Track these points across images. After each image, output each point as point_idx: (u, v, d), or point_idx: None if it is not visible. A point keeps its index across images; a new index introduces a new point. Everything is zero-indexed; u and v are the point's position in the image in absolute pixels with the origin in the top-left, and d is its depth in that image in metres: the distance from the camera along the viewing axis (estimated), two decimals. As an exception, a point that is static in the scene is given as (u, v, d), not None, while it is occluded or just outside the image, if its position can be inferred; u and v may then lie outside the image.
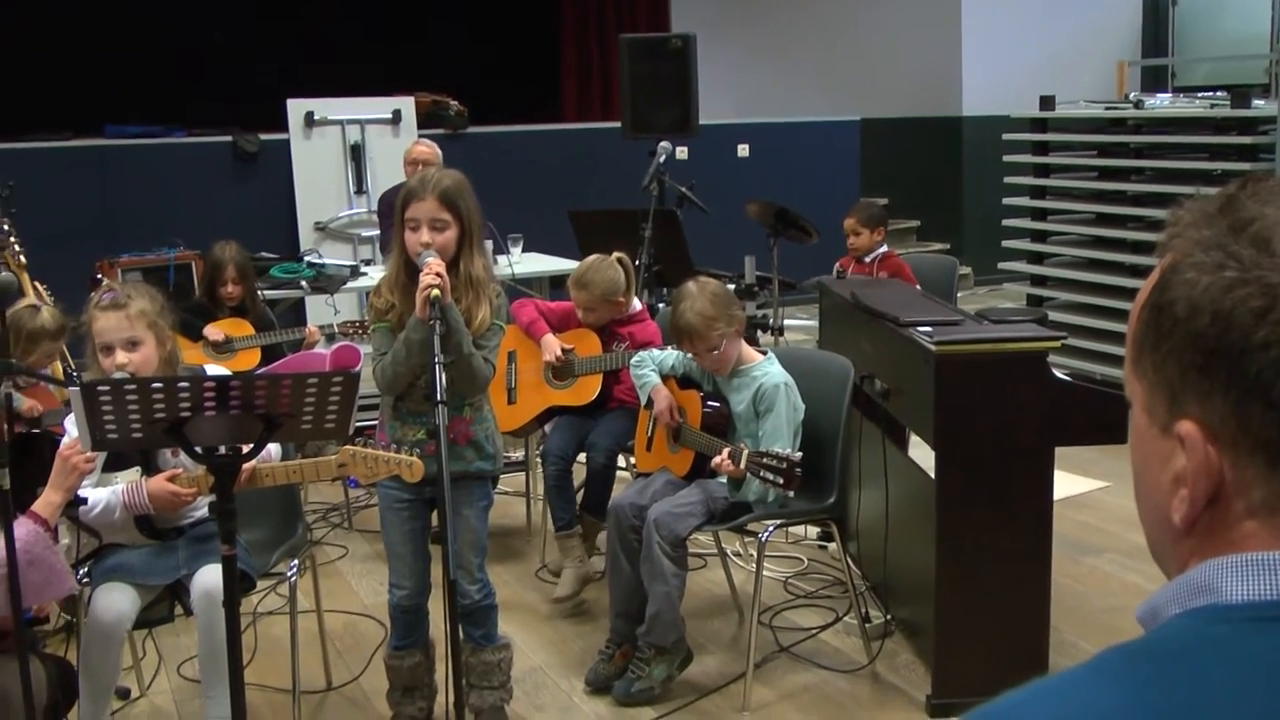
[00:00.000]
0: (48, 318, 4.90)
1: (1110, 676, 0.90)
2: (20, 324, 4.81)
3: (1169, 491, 0.98)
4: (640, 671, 4.11)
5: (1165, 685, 0.87)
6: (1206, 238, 0.96)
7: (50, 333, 4.90)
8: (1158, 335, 0.98)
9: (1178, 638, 0.91)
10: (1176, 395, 0.96)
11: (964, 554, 3.89)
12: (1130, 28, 12.46)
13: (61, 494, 3.25)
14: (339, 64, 11.30)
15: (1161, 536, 1.03)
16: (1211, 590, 0.93)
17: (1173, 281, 0.97)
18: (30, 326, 4.84)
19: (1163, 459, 0.99)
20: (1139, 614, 0.99)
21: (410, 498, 3.73)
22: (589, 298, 4.98)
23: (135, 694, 4.30)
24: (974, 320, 4.24)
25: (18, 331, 4.78)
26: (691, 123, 8.27)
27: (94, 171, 9.73)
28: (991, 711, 0.92)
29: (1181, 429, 0.95)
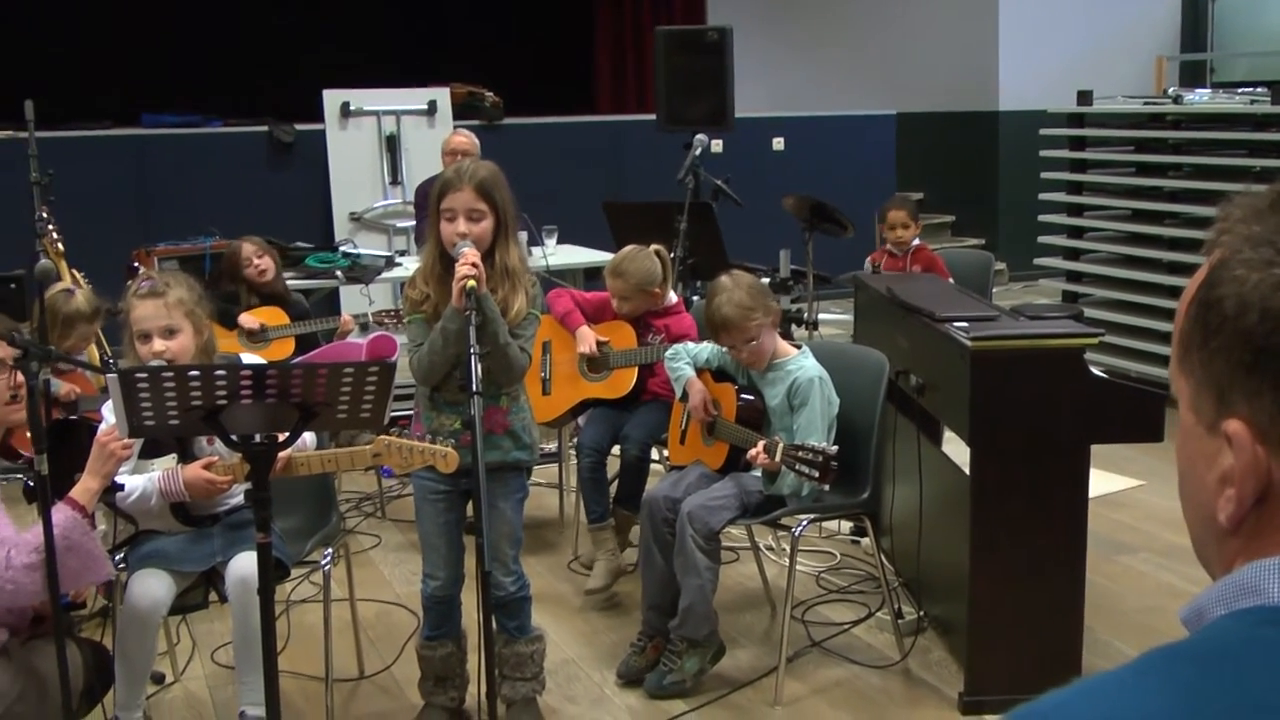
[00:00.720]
0: (82, 301, 4.94)
1: (1155, 678, 0.89)
2: (56, 308, 4.85)
3: (1215, 491, 0.97)
4: (672, 664, 4.11)
5: (1211, 687, 0.86)
6: (1256, 234, 0.95)
7: (86, 315, 4.94)
8: (1205, 332, 0.97)
9: (1223, 639, 0.90)
10: (1224, 393, 0.95)
11: (998, 551, 3.87)
12: (1169, 22, 12.37)
13: (99, 480, 3.27)
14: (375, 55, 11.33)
15: (1206, 536, 1.02)
16: (1258, 591, 0.92)
17: (1221, 278, 0.96)
18: (66, 310, 4.88)
19: (1209, 458, 0.98)
20: (1183, 615, 0.99)
21: (446, 489, 3.74)
22: (624, 287, 4.97)
23: (170, 679, 4.32)
24: (1010, 316, 4.22)
25: (54, 315, 4.83)
26: (727, 116, 8.26)
27: (131, 161, 9.79)
28: (1034, 711, 0.91)
29: (1229, 428, 0.94)
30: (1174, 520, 5.40)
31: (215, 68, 11.22)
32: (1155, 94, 9.83)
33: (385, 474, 6.21)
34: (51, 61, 10.43)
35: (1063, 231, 8.53)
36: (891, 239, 6.49)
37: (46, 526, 2.97)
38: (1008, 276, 11.48)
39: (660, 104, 8.51)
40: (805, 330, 6.63)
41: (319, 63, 10.84)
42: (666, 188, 6.99)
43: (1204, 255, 1.01)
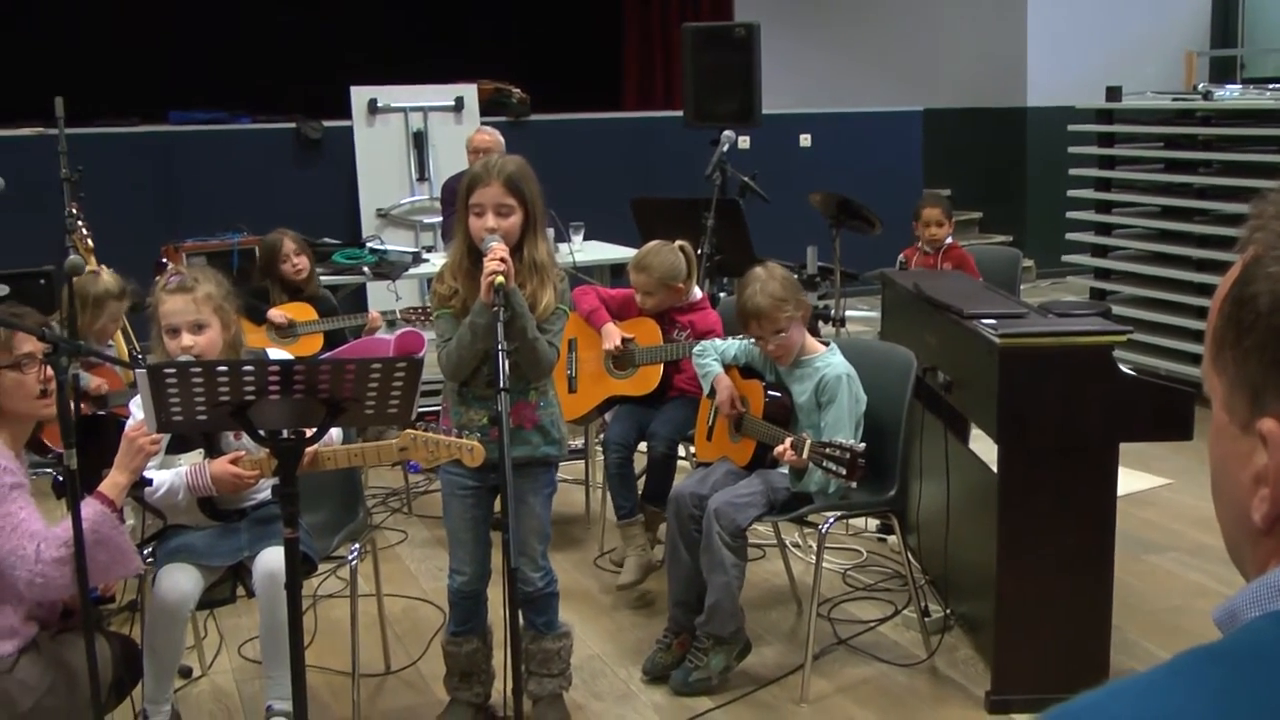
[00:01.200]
0: (109, 280, 4.99)
1: (1188, 679, 0.88)
2: (85, 289, 4.89)
3: (1249, 490, 0.96)
4: (698, 661, 4.10)
5: (1245, 689, 0.85)
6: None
7: (114, 294, 4.99)
8: (1239, 330, 0.96)
9: (1258, 641, 0.90)
10: (1259, 392, 0.95)
11: (1025, 549, 3.86)
12: (1199, 17, 12.30)
13: (127, 475, 3.28)
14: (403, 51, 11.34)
15: (1240, 536, 1.01)
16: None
17: (1255, 275, 0.95)
18: (95, 291, 4.93)
19: (1243, 457, 0.97)
20: (1216, 616, 0.98)
21: (474, 484, 3.74)
22: (648, 281, 4.97)
23: (197, 673, 4.34)
24: (1038, 313, 4.20)
25: (84, 298, 4.87)
26: (754, 112, 8.25)
27: (160, 157, 9.83)
28: (1067, 711, 0.90)
29: (1264, 427, 0.94)
30: (1203, 519, 5.38)
31: (243, 65, 11.25)
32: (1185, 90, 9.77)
33: (412, 469, 6.23)
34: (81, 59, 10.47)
35: (1091, 228, 8.49)
36: (925, 236, 6.47)
37: (76, 520, 2.98)
38: (1035, 273, 11.42)
39: (688, 100, 8.51)
40: (832, 327, 6.62)
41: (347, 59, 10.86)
42: (693, 184, 6.99)
43: (1237, 252, 1.00)
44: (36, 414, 3.30)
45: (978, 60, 12.26)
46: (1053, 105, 11.12)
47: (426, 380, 3.22)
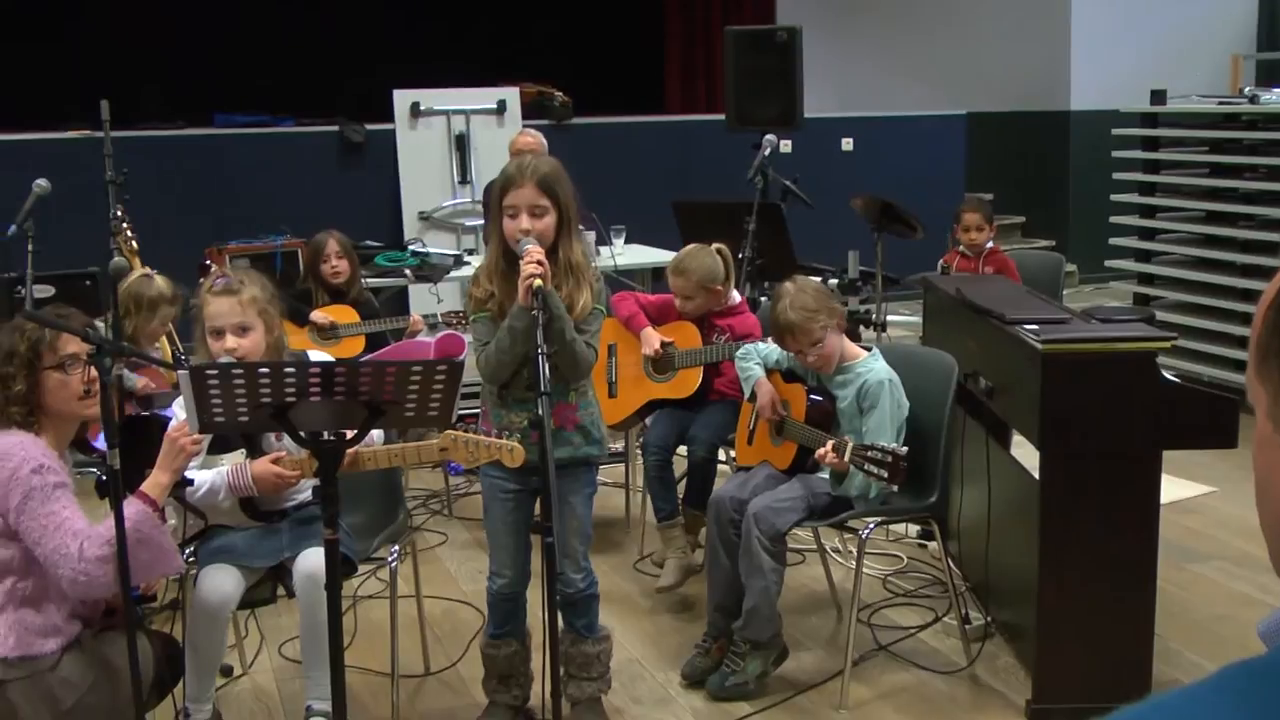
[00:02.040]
0: (162, 285, 5.05)
1: (1233, 695, 0.87)
2: (140, 294, 4.94)
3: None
4: (735, 666, 4.10)
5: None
6: None
7: (168, 298, 5.04)
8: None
9: None
10: (1305, 402, 0.93)
11: (1068, 557, 3.83)
12: (1245, 20, 12.18)
13: (169, 475, 3.30)
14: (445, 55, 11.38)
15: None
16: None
17: (1302, 282, 0.94)
18: (149, 294, 4.98)
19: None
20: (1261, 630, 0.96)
21: (516, 487, 3.74)
22: (686, 284, 4.97)
23: (237, 672, 4.37)
24: (1081, 319, 4.17)
25: (138, 300, 4.92)
26: (796, 116, 8.23)
27: (204, 160, 9.90)
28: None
29: (1309, 436, 0.92)
30: (1247, 528, 5.33)
31: (287, 68, 11.32)
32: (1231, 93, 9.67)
33: (453, 471, 6.24)
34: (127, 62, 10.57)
35: (1135, 233, 8.43)
36: (966, 241, 6.45)
37: (118, 519, 3.00)
38: (1078, 278, 11.36)
39: (729, 104, 8.50)
40: (873, 332, 6.59)
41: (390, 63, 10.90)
42: (735, 188, 6.97)
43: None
44: (80, 414, 3.33)
45: (1021, 63, 12.19)
46: (1096, 109, 11.06)
47: (466, 383, 3.22)
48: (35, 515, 3.10)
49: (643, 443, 5.11)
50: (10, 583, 3.15)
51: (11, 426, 3.21)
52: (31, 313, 3.33)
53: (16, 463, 3.11)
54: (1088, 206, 11.03)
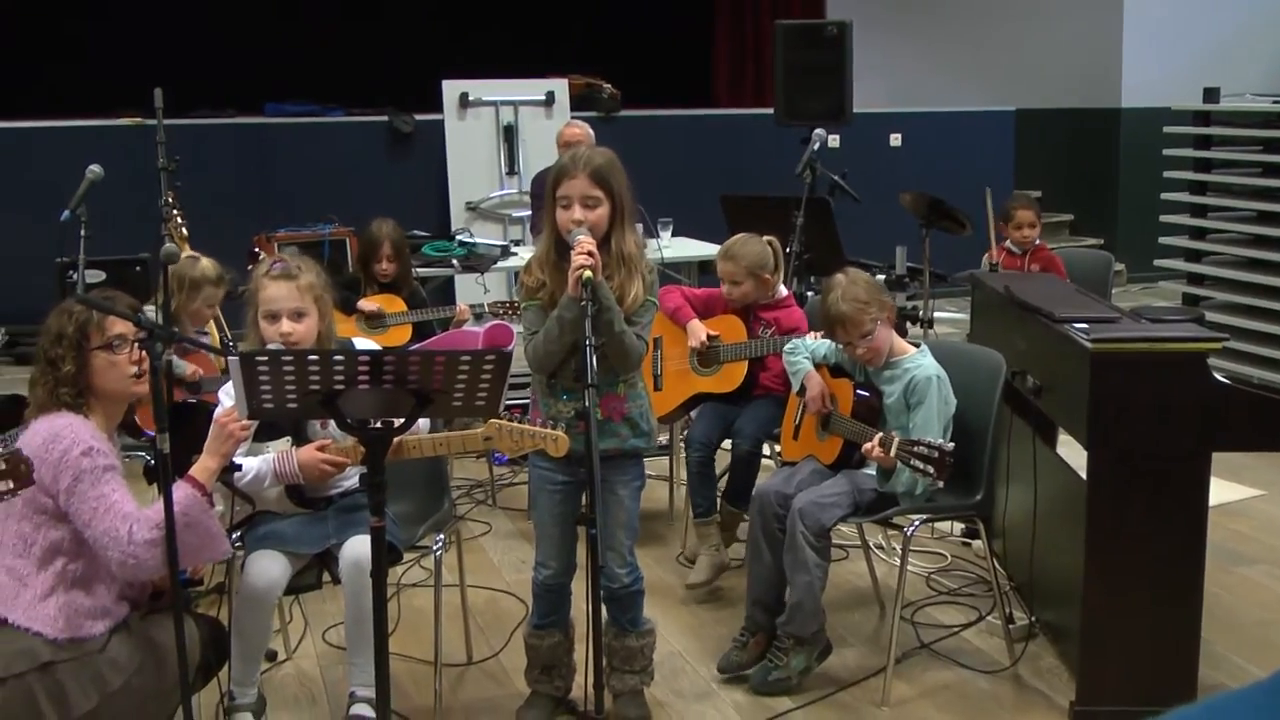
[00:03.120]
0: (207, 266, 5.07)
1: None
2: (183, 273, 4.98)
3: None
4: (778, 661, 4.09)
5: None
6: None
7: (212, 279, 5.06)
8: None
9: None
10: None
11: (1114, 558, 3.80)
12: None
13: (217, 460, 3.33)
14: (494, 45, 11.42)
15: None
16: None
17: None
18: (193, 274, 5.01)
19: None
20: None
21: (564, 479, 3.74)
22: (735, 269, 4.96)
23: (282, 656, 4.40)
24: (1130, 318, 4.14)
25: (181, 280, 4.96)
26: (845, 110, 8.22)
27: (254, 148, 9.97)
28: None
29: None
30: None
31: (337, 58, 11.38)
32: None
33: (498, 461, 6.26)
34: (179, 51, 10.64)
35: (1185, 233, 8.36)
36: (1017, 238, 6.41)
37: (167, 503, 3.03)
38: (1126, 277, 11.28)
39: (779, 98, 8.50)
40: (920, 328, 6.57)
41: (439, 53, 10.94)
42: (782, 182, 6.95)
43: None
44: (128, 394, 3.35)
45: (1072, 60, 12.10)
46: (1148, 106, 10.97)
47: (513, 373, 3.23)
48: (85, 498, 3.12)
49: (686, 438, 5.11)
50: (61, 564, 3.17)
51: (61, 408, 3.24)
52: (80, 296, 3.36)
53: (66, 445, 3.14)
54: (1137, 205, 10.96)
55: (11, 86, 10.25)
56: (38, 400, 3.28)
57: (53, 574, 3.17)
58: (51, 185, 7.08)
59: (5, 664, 3.08)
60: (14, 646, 3.10)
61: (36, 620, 3.12)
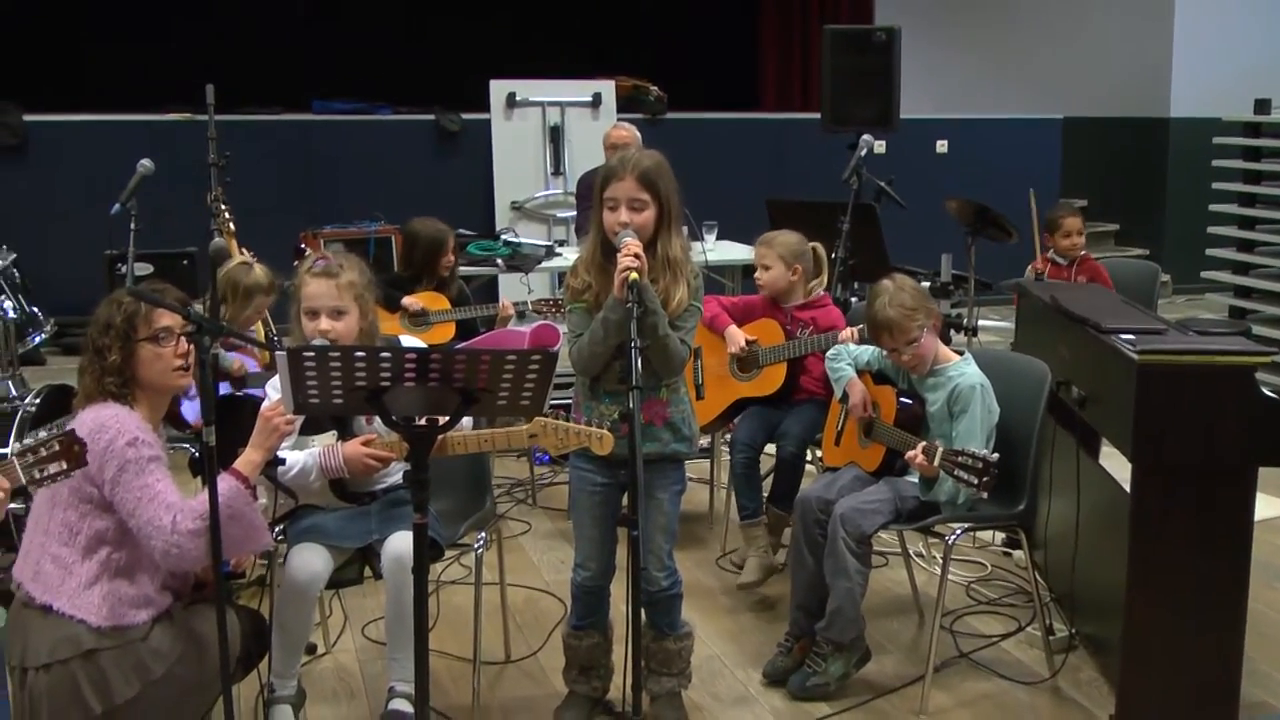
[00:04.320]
0: (260, 275, 5.10)
1: None
2: (237, 280, 5.01)
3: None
4: (817, 666, 4.08)
5: None
6: None
7: (264, 288, 5.09)
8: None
9: None
10: None
11: (1157, 571, 3.76)
12: (1355, 30, 11.95)
13: (262, 453, 3.35)
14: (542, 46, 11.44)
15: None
16: None
17: None
18: (246, 282, 5.04)
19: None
20: None
21: (605, 481, 3.75)
22: (766, 252, 5.03)
23: (321, 650, 4.42)
24: (1178, 330, 4.11)
25: (234, 286, 4.99)
26: (892, 117, 8.20)
27: (301, 145, 10.03)
28: None
29: None
30: (1342, 548, 5.23)
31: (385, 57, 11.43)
32: (1338, 106, 9.48)
33: (538, 460, 6.27)
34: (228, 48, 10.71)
35: (1233, 244, 8.29)
36: (1065, 246, 6.39)
37: (212, 495, 3.05)
38: (1172, 289, 11.20)
39: (825, 103, 8.48)
40: (964, 336, 6.54)
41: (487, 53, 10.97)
42: (827, 188, 6.95)
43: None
44: (173, 386, 3.38)
45: (1121, 69, 12.03)
46: (1197, 117, 10.89)
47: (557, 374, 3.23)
48: (130, 487, 3.15)
49: (730, 440, 5.11)
50: (105, 553, 3.20)
51: (107, 398, 3.26)
52: (130, 288, 3.39)
53: (112, 435, 3.16)
54: (1184, 216, 10.88)
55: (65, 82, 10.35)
56: (85, 389, 3.31)
57: (97, 563, 3.20)
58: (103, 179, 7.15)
59: (49, 650, 3.12)
60: (58, 633, 3.13)
61: (80, 608, 3.15)
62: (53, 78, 10.25)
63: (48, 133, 9.83)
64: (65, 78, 10.40)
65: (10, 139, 9.76)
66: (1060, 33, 12.54)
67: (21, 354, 5.81)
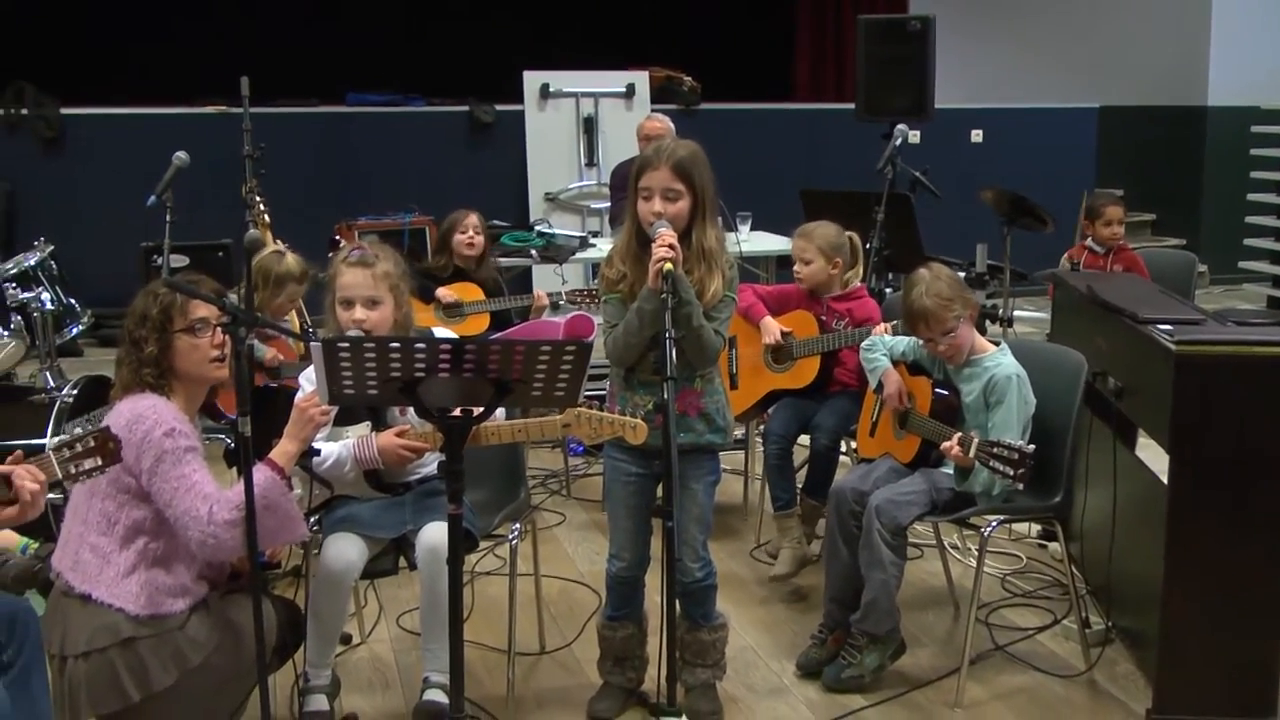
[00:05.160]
0: (292, 263, 5.11)
1: None
2: (268, 269, 5.02)
3: None
4: (852, 658, 4.07)
5: None
6: None
7: (295, 276, 5.10)
8: None
9: None
10: None
11: (1194, 564, 3.74)
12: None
13: (297, 444, 3.36)
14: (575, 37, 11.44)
15: None
16: None
17: None
18: (278, 270, 5.05)
19: None
20: None
21: (639, 472, 3.74)
22: (806, 245, 5.00)
23: (356, 640, 4.44)
24: (1215, 320, 4.07)
25: (265, 274, 5.00)
26: (927, 106, 8.17)
27: (336, 137, 10.06)
28: None
29: None
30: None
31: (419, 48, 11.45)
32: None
33: (573, 451, 6.28)
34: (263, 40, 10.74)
35: (1271, 234, 8.24)
36: (1105, 235, 6.34)
37: (247, 486, 3.06)
38: (1209, 279, 11.11)
39: (859, 93, 8.45)
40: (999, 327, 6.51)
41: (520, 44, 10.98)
42: (861, 178, 6.93)
43: None
44: (209, 377, 3.40)
45: (1158, 57, 11.93)
46: (1235, 105, 10.80)
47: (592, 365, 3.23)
48: (167, 477, 3.17)
49: (764, 431, 5.10)
50: (143, 543, 3.22)
51: (144, 389, 3.29)
52: (167, 279, 3.40)
53: (149, 425, 3.18)
54: (1222, 205, 10.80)
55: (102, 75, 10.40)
56: (122, 380, 3.34)
57: (134, 552, 3.22)
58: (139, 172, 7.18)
59: (88, 638, 3.14)
60: (97, 621, 3.16)
61: (119, 597, 3.18)
62: (89, 72, 10.30)
63: (84, 126, 9.89)
64: (102, 71, 10.45)
65: (47, 132, 9.83)
66: (1096, 20, 12.45)
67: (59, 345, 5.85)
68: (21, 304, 5.44)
